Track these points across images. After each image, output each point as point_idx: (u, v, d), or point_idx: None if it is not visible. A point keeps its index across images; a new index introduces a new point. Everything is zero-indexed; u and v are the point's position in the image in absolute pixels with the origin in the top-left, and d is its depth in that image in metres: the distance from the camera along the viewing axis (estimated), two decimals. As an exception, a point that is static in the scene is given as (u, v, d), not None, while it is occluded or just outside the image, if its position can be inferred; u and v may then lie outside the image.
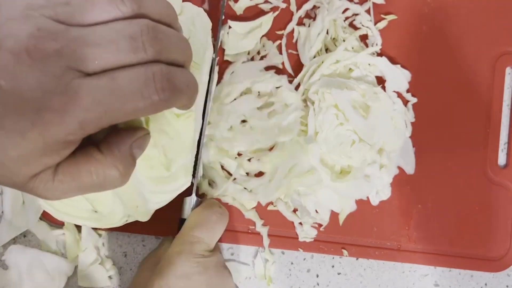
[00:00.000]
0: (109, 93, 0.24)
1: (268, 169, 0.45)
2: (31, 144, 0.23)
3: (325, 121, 0.44)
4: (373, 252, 0.46)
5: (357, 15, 0.47)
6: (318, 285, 0.47)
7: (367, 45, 0.47)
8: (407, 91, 0.47)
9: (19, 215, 0.45)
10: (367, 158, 0.44)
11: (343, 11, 0.47)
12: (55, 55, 0.23)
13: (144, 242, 0.46)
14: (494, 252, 0.47)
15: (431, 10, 0.48)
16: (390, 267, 0.47)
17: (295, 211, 0.45)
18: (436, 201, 0.47)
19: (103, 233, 0.46)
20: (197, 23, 0.38)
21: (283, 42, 0.47)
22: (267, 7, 0.47)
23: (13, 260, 0.45)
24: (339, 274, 0.47)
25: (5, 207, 0.45)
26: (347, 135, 0.44)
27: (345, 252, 0.46)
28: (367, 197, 0.46)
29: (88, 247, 0.45)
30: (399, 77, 0.47)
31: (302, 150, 0.44)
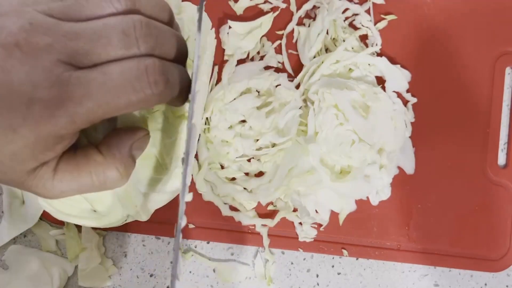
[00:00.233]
0: (101, 86, 0.23)
1: (268, 169, 0.45)
2: (23, 139, 0.23)
3: (325, 121, 0.44)
4: (373, 252, 0.46)
5: (357, 15, 0.47)
6: (318, 285, 0.47)
7: (367, 45, 0.47)
8: (407, 91, 0.47)
9: (19, 215, 0.45)
10: (367, 158, 0.44)
11: (343, 11, 0.47)
12: (46, 48, 0.23)
13: (144, 242, 0.46)
14: (494, 252, 0.47)
15: (431, 10, 0.48)
16: (390, 267, 0.47)
17: (295, 211, 0.45)
18: (436, 201, 0.47)
19: (103, 233, 0.46)
20: (196, 22, 0.38)
21: (283, 42, 0.47)
22: (267, 7, 0.47)
23: (13, 260, 0.45)
24: (339, 274, 0.47)
25: (5, 207, 0.45)
26: (347, 135, 0.44)
27: (345, 252, 0.46)
28: (367, 197, 0.46)
29: (88, 247, 0.45)
30: (399, 77, 0.47)
31: (302, 150, 0.44)
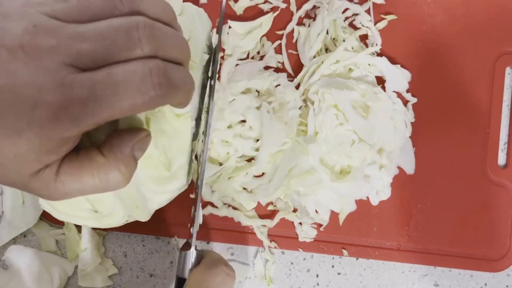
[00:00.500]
0: (105, 89, 0.23)
1: (268, 169, 0.45)
2: (27, 142, 0.23)
3: (325, 121, 0.44)
4: (373, 252, 0.46)
5: (357, 15, 0.47)
6: (318, 285, 0.47)
7: (367, 45, 0.47)
8: (407, 91, 0.47)
9: (19, 215, 0.45)
10: (367, 158, 0.44)
11: (343, 11, 0.47)
12: (50, 51, 0.23)
13: (144, 242, 0.46)
14: (494, 252, 0.47)
15: (431, 10, 0.48)
16: (390, 267, 0.47)
17: (295, 211, 0.45)
18: (436, 201, 0.47)
19: (103, 233, 0.46)
20: (197, 23, 0.38)
21: (283, 42, 0.47)
22: (267, 7, 0.47)
23: (13, 260, 0.45)
24: (339, 274, 0.47)
25: (5, 207, 0.45)
26: (347, 135, 0.44)
27: (345, 252, 0.46)
28: (367, 197, 0.46)
29: (88, 247, 0.45)
30: (399, 77, 0.47)
31: (302, 150, 0.44)
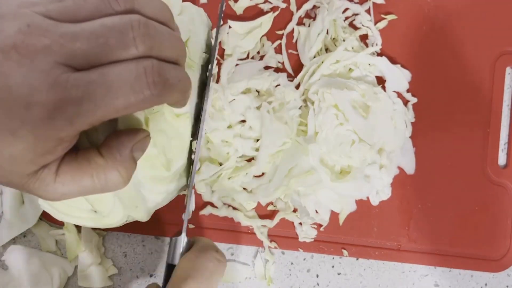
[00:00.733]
0: (99, 88, 0.23)
1: (268, 169, 0.45)
2: (22, 142, 0.23)
3: (325, 121, 0.44)
4: (373, 252, 0.46)
5: (357, 15, 0.47)
6: (318, 285, 0.47)
7: (367, 45, 0.47)
8: (407, 91, 0.47)
9: (19, 215, 0.45)
10: (367, 158, 0.44)
11: (343, 11, 0.47)
12: (44, 50, 0.23)
13: (144, 242, 0.46)
14: (494, 252, 0.47)
15: (431, 10, 0.48)
16: (390, 267, 0.47)
17: (295, 211, 0.45)
18: (436, 201, 0.47)
19: (103, 233, 0.46)
20: (197, 22, 0.38)
21: (283, 42, 0.47)
22: (267, 7, 0.47)
23: (13, 260, 0.45)
24: (339, 274, 0.47)
25: (5, 207, 0.45)
26: (347, 135, 0.44)
27: (345, 252, 0.46)
28: (367, 197, 0.46)
29: (88, 247, 0.45)
30: (399, 77, 0.47)
31: (302, 150, 0.44)
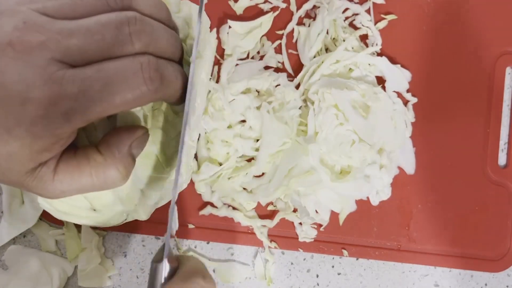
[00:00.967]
0: (95, 84, 0.23)
1: (268, 169, 0.45)
2: (18, 139, 0.23)
3: (325, 121, 0.44)
4: (373, 252, 0.46)
5: (357, 15, 0.47)
6: (318, 285, 0.47)
7: (367, 45, 0.47)
8: (407, 91, 0.47)
9: (19, 215, 0.45)
10: (367, 158, 0.44)
11: (343, 11, 0.47)
12: (39, 47, 0.23)
13: (144, 242, 0.46)
14: (494, 252, 0.47)
15: (431, 10, 0.48)
16: (390, 267, 0.47)
17: (295, 211, 0.45)
18: (436, 201, 0.47)
19: (103, 233, 0.46)
20: (195, 20, 0.38)
21: (283, 42, 0.47)
22: (267, 7, 0.47)
23: (13, 260, 0.44)
24: (339, 274, 0.47)
25: (5, 207, 0.45)
26: (347, 135, 0.44)
27: (345, 252, 0.46)
28: (367, 197, 0.46)
29: (88, 247, 0.45)
30: (399, 77, 0.47)
31: (302, 150, 0.44)
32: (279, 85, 0.46)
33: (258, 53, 0.47)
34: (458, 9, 0.48)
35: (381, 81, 0.47)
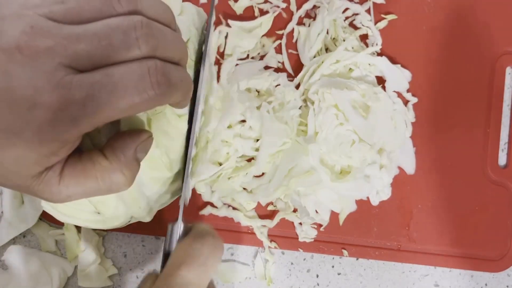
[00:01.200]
0: (103, 89, 0.23)
1: (268, 169, 0.45)
2: (26, 143, 0.23)
3: (325, 121, 0.44)
4: (373, 252, 0.46)
5: (357, 15, 0.47)
6: (318, 285, 0.47)
7: (367, 45, 0.47)
8: (407, 91, 0.47)
9: (19, 215, 0.45)
10: (367, 158, 0.44)
11: (343, 11, 0.47)
12: (47, 52, 0.23)
13: (144, 242, 0.46)
14: (494, 252, 0.47)
15: (431, 10, 0.48)
16: (390, 267, 0.47)
17: (295, 211, 0.45)
18: (436, 201, 0.47)
19: (103, 233, 0.46)
20: (197, 23, 0.38)
21: (283, 42, 0.47)
22: (267, 7, 0.47)
23: (13, 260, 0.44)
24: (339, 274, 0.47)
25: (5, 207, 0.45)
26: (347, 135, 0.44)
27: (345, 252, 0.46)
28: (367, 197, 0.46)
29: (88, 247, 0.45)
30: (399, 77, 0.47)
31: (302, 150, 0.44)
32: (279, 85, 0.46)
33: (258, 53, 0.47)
34: (458, 9, 0.48)
35: (381, 81, 0.47)
